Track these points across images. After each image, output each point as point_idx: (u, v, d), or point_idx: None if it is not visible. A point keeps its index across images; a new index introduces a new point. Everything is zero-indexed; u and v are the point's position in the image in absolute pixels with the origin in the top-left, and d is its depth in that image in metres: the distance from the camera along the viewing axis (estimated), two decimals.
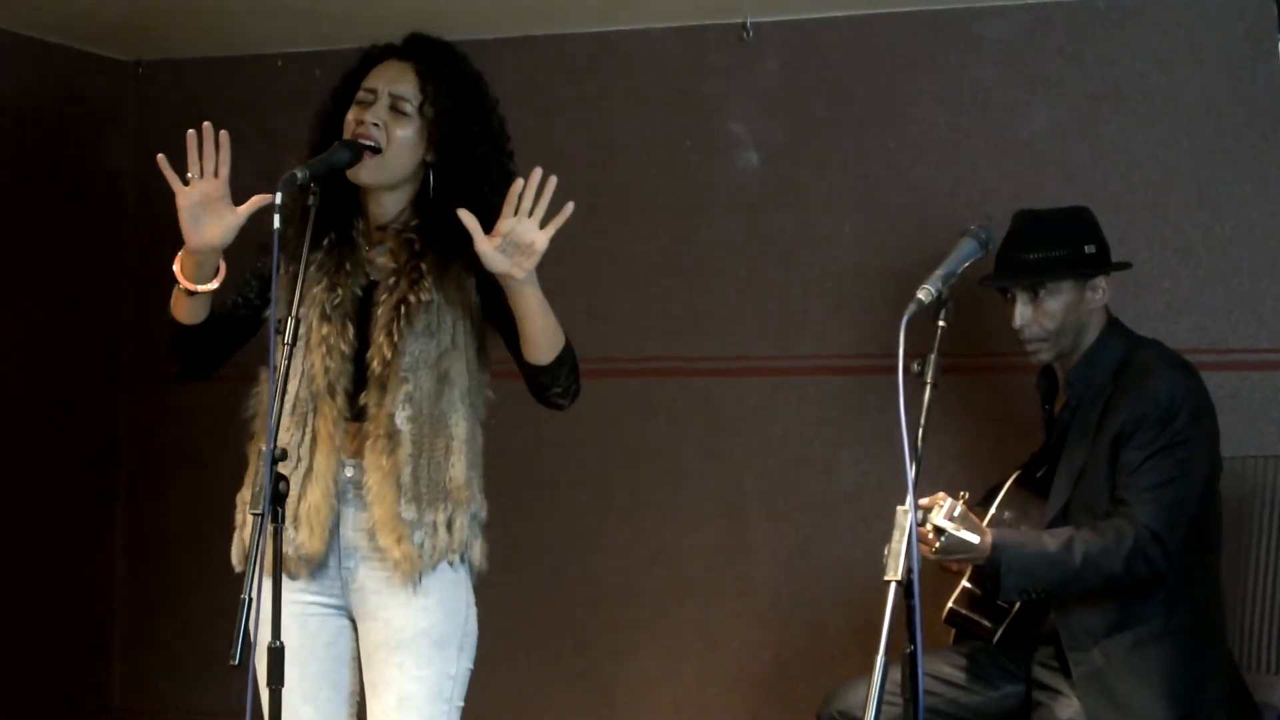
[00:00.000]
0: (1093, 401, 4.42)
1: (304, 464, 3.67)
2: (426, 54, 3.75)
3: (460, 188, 3.70)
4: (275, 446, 3.33)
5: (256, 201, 3.58)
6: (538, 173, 3.56)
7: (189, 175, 3.55)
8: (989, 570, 4.23)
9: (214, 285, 3.63)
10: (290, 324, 3.44)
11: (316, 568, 3.69)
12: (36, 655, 5.94)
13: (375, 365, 3.65)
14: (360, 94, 3.72)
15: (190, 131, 3.54)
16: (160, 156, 3.54)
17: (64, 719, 6.10)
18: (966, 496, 4.22)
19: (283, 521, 3.39)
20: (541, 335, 3.64)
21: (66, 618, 6.09)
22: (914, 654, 3.21)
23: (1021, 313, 4.47)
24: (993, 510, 4.48)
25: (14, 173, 5.93)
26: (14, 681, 5.86)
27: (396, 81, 3.71)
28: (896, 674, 3.36)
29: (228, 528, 3.82)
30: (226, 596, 3.24)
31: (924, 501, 4.19)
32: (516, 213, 3.53)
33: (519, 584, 3.85)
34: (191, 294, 3.64)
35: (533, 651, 5.69)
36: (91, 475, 6.23)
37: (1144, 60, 5.26)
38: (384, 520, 3.64)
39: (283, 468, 3.58)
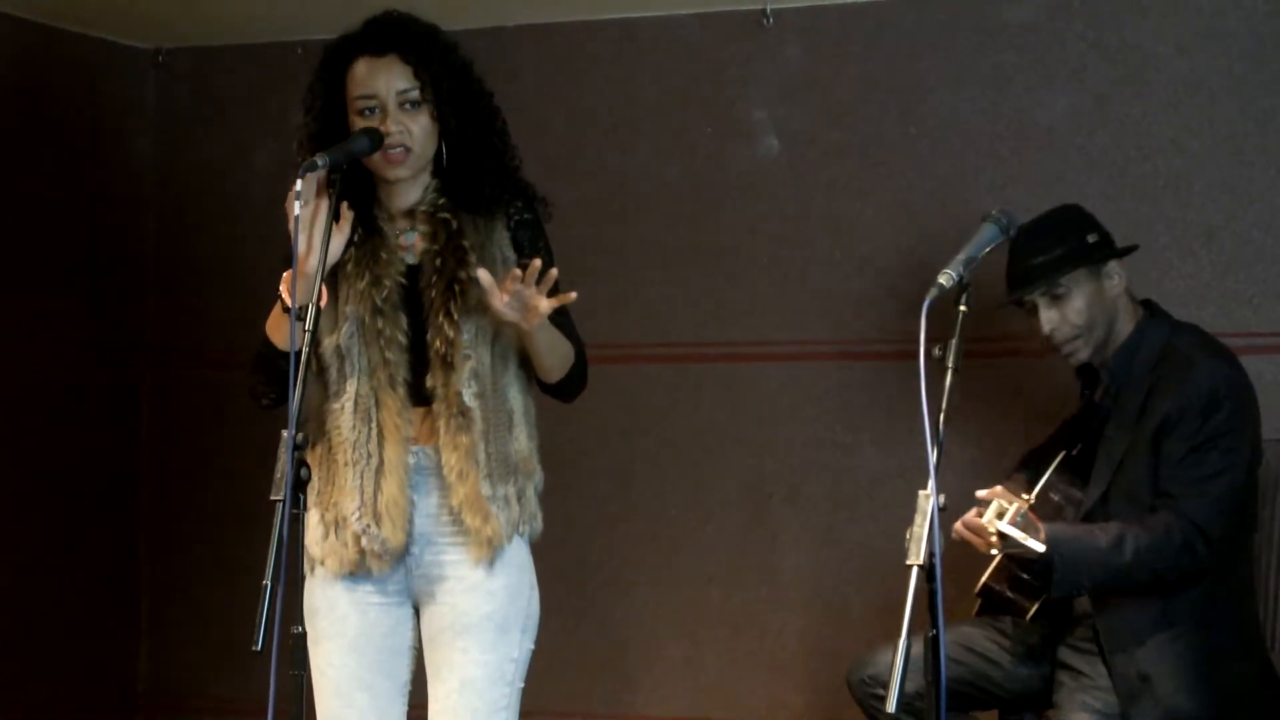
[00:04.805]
0: (1133, 390, 4.41)
1: (374, 459, 3.67)
2: (400, 40, 3.71)
3: (472, 150, 3.72)
4: (297, 432, 3.33)
5: (347, 216, 3.62)
6: (537, 263, 3.56)
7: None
8: (1040, 566, 4.24)
9: (324, 303, 3.56)
10: (311, 310, 3.45)
11: (396, 560, 3.70)
12: (62, 645, 5.95)
13: (438, 346, 3.66)
14: (358, 103, 3.69)
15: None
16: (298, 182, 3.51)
17: (90, 708, 6.11)
18: (1031, 501, 4.22)
19: (304, 509, 3.39)
20: (550, 364, 3.74)
21: (92, 607, 6.10)
22: (936, 638, 3.20)
23: (1047, 317, 4.45)
24: (1038, 490, 4.49)
25: (33, 163, 5.93)
26: (41, 671, 5.87)
27: (392, 79, 3.68)
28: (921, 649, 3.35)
29: (252, 517, 3.82)
30: (251, 586, 3.24)
31: (982, 494, 4.23)
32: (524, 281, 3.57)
33: (541, 570, 3.85)
34: (301, 317, 3.58)
35: (555, 638, 5.65)
36: (115, 467, 6.23)
37: (1166, 45, 5.25)
38: (469, 499, 3.66)
39: (354, 465, 3.65)
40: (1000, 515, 4.17)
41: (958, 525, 4.31)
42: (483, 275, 3.58)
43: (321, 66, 3.77)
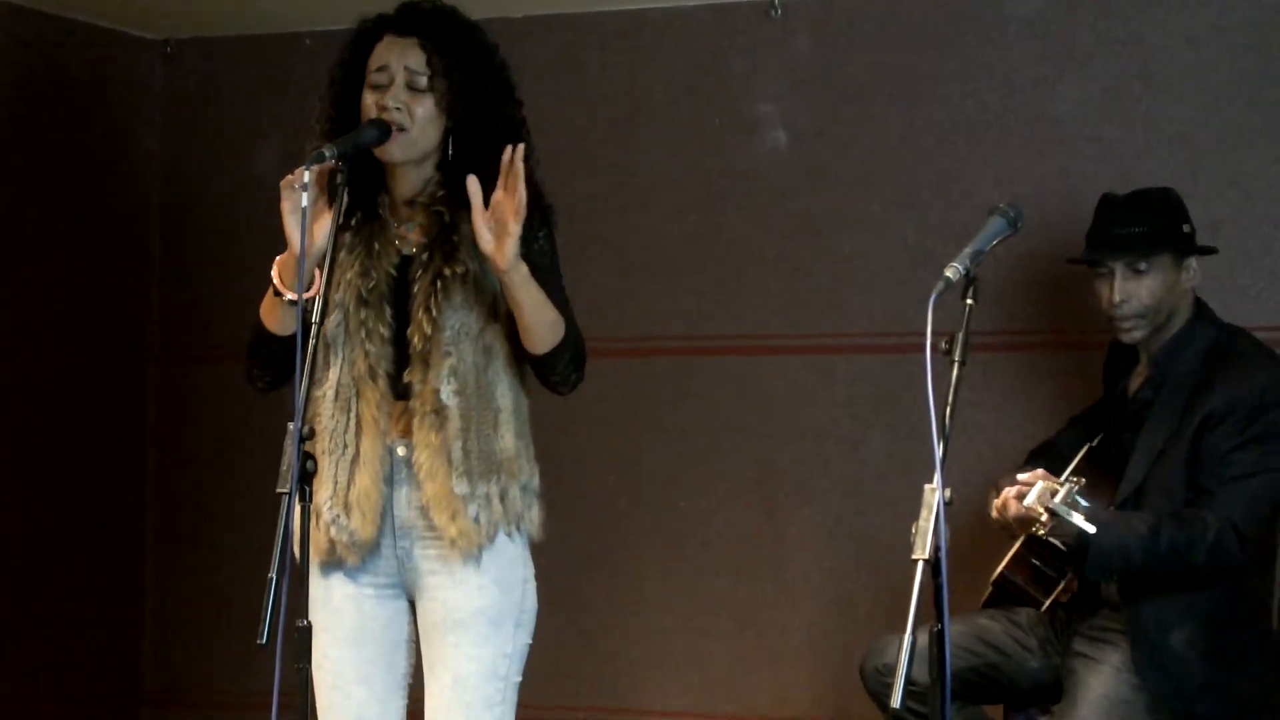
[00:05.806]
0: (1179, 384, 4.41)
1: (350, 450, 3.66)
2: (426, 25, 3.70)
3: (479, 149, 3.67)
4: (303, 424, 3.32)
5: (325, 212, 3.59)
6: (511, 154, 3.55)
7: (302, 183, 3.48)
8: (1076, 546, 4.24)
9: (313, 293, 3.52)
10: (318, 301, 3.44)
11: (369, 552, 3.69)
12: (67, 638, 5.95)
13: (416, 342, 3.64)
14: (372, 77, 3.68)
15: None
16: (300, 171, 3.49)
17: (95, 701, 6.12)
18: (1083, 482, 4.22)
19: (310, 500, 3.39)
20: (535, 326, 3.64)
21: (97, 601, 6.10)
22: (941, 632, 3.20)
23: (1122, 287, 4.46)
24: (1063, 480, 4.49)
25: (40, 153, 5.94)
26: (46, 665, 5.88)
27: (406, 59, 3.67)
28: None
29: (258, 510, 3.82)
30: (256, 579, 3.25)
31: (1025, 477, 4.26)
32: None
33: (548, 563, 3.84)
34: (293, 303, 3.57)
35: (563, 631, 5.68)
36: (120, 459, 6.23)
37: (1173, 38, 5.24)
38: (437, 497, 3.63)
39: (330, 455, 3.64)
40: (1052, 495, 4.16)
41: (997, 502, 4.31)
42: (471, 184, 3.53)
43: (350, 42, 3.76)
